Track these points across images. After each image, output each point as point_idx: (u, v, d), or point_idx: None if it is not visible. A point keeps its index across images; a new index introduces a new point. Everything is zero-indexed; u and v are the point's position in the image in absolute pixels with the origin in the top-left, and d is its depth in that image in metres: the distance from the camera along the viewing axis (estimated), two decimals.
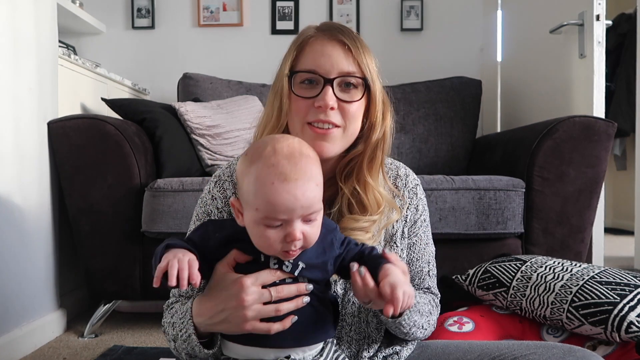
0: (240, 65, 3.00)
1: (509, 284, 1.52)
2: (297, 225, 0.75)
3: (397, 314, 0.76)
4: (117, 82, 2.60)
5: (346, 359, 0.88)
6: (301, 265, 0.79)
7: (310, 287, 0.80)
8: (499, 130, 2.89)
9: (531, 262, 1.56)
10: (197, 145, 2.21)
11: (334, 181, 0.97)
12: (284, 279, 0.80)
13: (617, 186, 4.67)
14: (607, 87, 2.26)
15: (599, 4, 2.08)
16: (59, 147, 1.87)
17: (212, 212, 0.97)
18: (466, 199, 1.85)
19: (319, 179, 0.78)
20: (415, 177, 1.06)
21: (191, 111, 2.21)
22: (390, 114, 0.97)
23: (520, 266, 1.55)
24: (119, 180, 1.85)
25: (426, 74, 2.82)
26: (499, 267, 1.58)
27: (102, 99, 2.20)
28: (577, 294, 1.36)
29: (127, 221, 1.87)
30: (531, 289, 1.46)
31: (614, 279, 1.39)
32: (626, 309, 1.28)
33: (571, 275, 1.44)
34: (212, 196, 0.98)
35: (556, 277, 1.45)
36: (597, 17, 2.08)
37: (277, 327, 0.78)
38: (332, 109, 0.90)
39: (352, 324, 0.95)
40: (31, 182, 1.78)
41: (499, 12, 2.92)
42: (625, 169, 4.34)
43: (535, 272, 1.50)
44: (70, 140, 1.86)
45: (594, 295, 1.34)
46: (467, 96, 2.64)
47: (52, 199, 1.90)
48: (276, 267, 0.80)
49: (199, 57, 3.03)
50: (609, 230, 3.36)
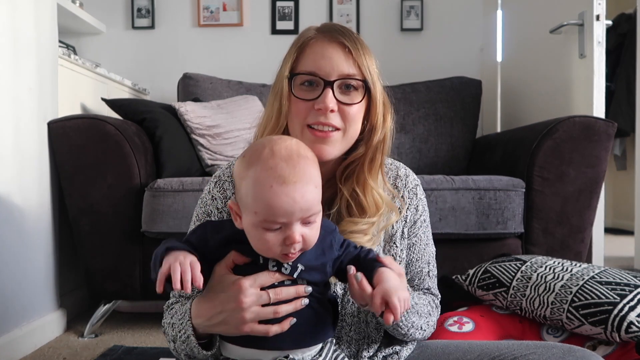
0: (240, 65, 2.99)
1: (509, 284, 1.52)
2: (296, 227, 0.74)
3: (398, 320, 0.76)
4: (117, 82, 2.60)
5: (346, 359, 0.87)
6: (300, 267, 0.79)
7: (309, 289, 0.80)
8: (499, 130, 2.89)
9: (531, 262, 1.56)
10: (197, 145, 2.22)
11: (333, 182, 0.97)
12: (283, 281, 0.79)
13: (617, 186, 4.67)
14: (607, 87, 2.26)
15: (599, 4, 2.08)
16: (59, 147, 1.87)
17: (212, 212, 0.96)
18: (466, 199, 1.85)
19: (318, 180, 0.77)
20: (415, 177, 1.05)
21: (191, 111, 2.21)
22: (390, 116, 0.97)
23: (520, 266, 1.55)
24: (119, 180, 1.85)
25: (426, 74, 2.82)
26: (499, 267, 1.58)
27: (102, 99, 2.20)
28: (577, 294, 1.36)
29: (127, 221, 1.87)
30: (531, 289, 1.46)
31: (614, 279, 1.39)
32: (626, 309, 1.28)
33: (571, 275, 1.43)
34: (212, 196, 0.97)
35: (556, 277, 1.45)
36: (597, 17, 2.08)
37: (275, 329, 0.78)
38: (332, 111, 0.90)
39: (351, 324, 0.95)
40: (31, 182, 1.79)
41: (499, 12, 2.92)
42: (625, 169, 4.34)
43: (535, 272, 1.50)
44: (70, 140, 1.86)
45: (594, 295, 1.34)
46: (467, 96, 2.64)
47: (52, 199, 1.90)
48: (275, 269, 0.79)
49: (199, 57, 3.03)
50: (609, 230, 3.36)
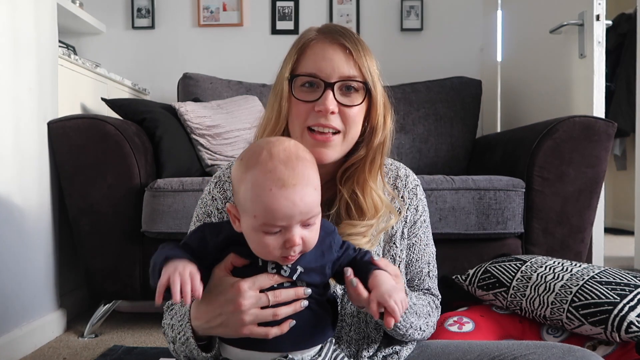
0: (240, 65, 2.99)
1: (509, 284, 1.52)
2: (296, 230, 0.73)
3: (399, 321, 0.76)
4: (117, 82, 2.60)
5: (345, 358, 0.87)
6: (299, 269, 0.79)
7: (308, 291, 0.79)
8: (499, 130, 2.89)
9: (531, 262, 1.56)
10: (197, 145, 2.21)
11: (332, 183, 0.96)
12: (282, 283, 0.79)
13: (617, 186, 4.67)
14: (607, 87, 2.26)
15: (599, 4, 2.08)
16: (59, 147, 1.87)
17: (212, 213, 0.96)
18: (466, 199, 1.85)
19: (317, 182, 0.77)
20: (415, 177, 1.05)
21: (191, 111, 2.21)
22: (390, 117, 0.97)
23: (520, 266, 1.55)
24: (119, 180, 1.85)
25: (426, 74, 2.82)
26: (499, 267, 1.58)
27: (102, 99, 2.20)
28: (577, 294, 1.36)
29: (127, 221, 1.87)
30: (531, 289, 1.46)
31: (614, 279, 1.39)
32: (626, 309, 1.28)
33: (571, 275, 1.44)
34: (213, 197, 0.97)
35: (556, 277, 1.45)
36: (597, 17, 2.08)
37: (274, 331, 0.78)
38: (332, 113, 0.90)
39: (351, 324, 0.95)
40: (31, 182, 1.79)
41: (499, 12, 2.92)
42: (625, 169, 4.34)
43: (535, 272, 1.50)
44: (70, 140, 1.86)
45: (594, 295, 1.34)
46: (467, 96, 2.64)
47: (52, 199, 1.90)
48: (274, 271, 0.78)
49: (199, 57, 3.03)
50: (609, 230, 3.36)
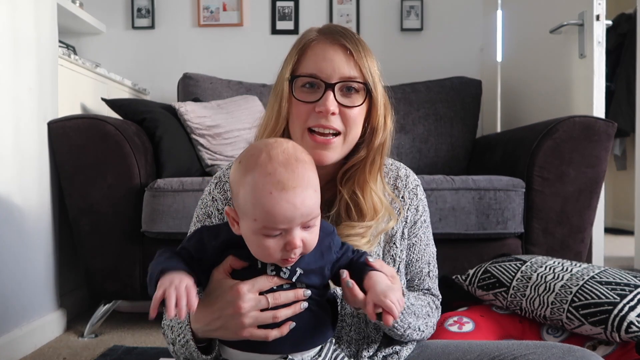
0: (240, 65, 2.99)
1: (509, 284, 1.52)
2: (296, 233, 0.73)
3: (397, 318, 0.76)
4: (117, 82, 2.60)
5: (345, 358, 0.87)
6: (299, 271, 0.78)
7: (308, 292, 0.79)
8: (499, 130, 2.89)
9: (531, 262, 1.56)
10: (197, 145, 2.21)
11: (333, 184, 0.96)
12: (281, 285, 0.78)
13: (617, 186, 4.67)
14: (607, 87, 2.26)
15: (599, 4, 2.08)
16: (59, 147, 1.87)
17: (212, 213, 0.96)
18: (466, 199, 1.85)
19: (317, 184, 0.77)
20: (415, 177, 1.05)
21: (191, 111, 2.21)
22: (391, 117, 0.97)
23: (520, 266, 1.55)
24: (119, 180, 1.85)
25: (426, 74, 2.82)
26: (499, 267, 1.58)
27: (102, 99, 2.20)
28: (577, 294, 1.36)
29: (127, 221, 1.87)
30: (531, 289, 1.46)
31: (614, 279, 1.39)
32: (626, 309, 1.28)
33: (571, 275, 1.44)
34: (213, 197, 0.97)
35: (556, 277, 1.45)
36: (597, 17, 2.08)
37: (275, 333, 0.77)
38: (333, 114, 0.89)
39: (351, 324, 0.95)
40: (31, 182, 1.78)
41: (499, 12, 2.92)
42: (625, 169, 4.34)
43: (535, 272, 1.50)
44: (70, 140, 1.86)
45: (594, 295, 1.34)
46: (467, 96, 2.64)
47: (52, 199, 1.90)
48: (273, 273, 0.78)
49: (199, 57, 3.03)
50: (609, 230, 3.36)
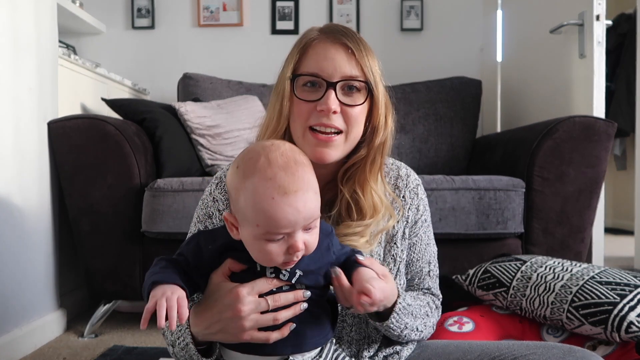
0: (240, 65, 2.99)
1: (509, 284, 1.52)
2: (299, 236, 0.73)
3: (376, 302, 0.76)
4: (117, 82, 2.60)
5: (346, 358, 0.87)
6: (299, 272, 0.78)
7: (307, 293, 0.79)
8: (499, 130, 2.89)
9: (531, 262, 1.56)
10: (197, 145, 2.21)
11: (334, 184, 0.96)
12: (281, 287, 0.78)
13: (617, 186, 4.67)
14: (607, 87, 2.26)
15: (599, 4, 2.08)
16: (59, 147, 1.87)
17: (213, 214, 0.96)
18: (466, 199, 1.85)
19: (316, 185, 0.77)
20: (416, 177, 1.05)
21: (191, 111, 2.21)
22: (392, 117, 0.97)
23: (520, 266, 1.55)
24: (119, 180, 1.85)
25: (426, 74, 2.82)
26: (499, 267, 1.58)
27: (102, 99, 2.20)
28: (577, 294, 1.36)
29: (127, 221, 1.87)
30: (531, 289, 1.46)
31: (614, 279, 1.39)
32: (626, 309, 1.28)
33: (571, 275, 1.44)
34: (214, 198, 0.97)
35: (556, 277, 1.45)
36: (597, 17, 2.08)
37: (275, 335, 0.77)
38: (334, 112, 0.89)
39: (352, 324, 0.95)
40: (31, 182, 1.78)
41: (499, 12, 2.92)
42: (625, 169, 4.34)
43: (535, 272, 1.50)
44: (70, 140, 1.86)
45: (594, 295, 1.34)
46: (467, 96, 2.64)
47: (52, 199, 1.90)
48: (273, 275, 0.78)
49: (199, 57, 3.03)
50: (609, 230, 3.36)
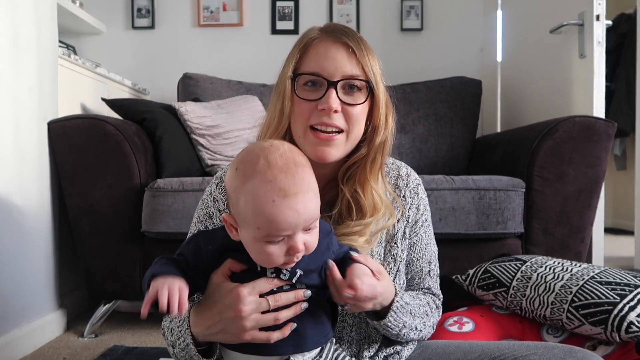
0: (240, 65, 3.00)
1: (509, 284, 1.52)
2: (299, 237, 0.74)
3: (359, 296, 0.77)
4: (117, 82, 2.60)
5: (347, 357, 0.87)
6: (299, 272, 0.78)
7: (308, 293, 0.79)
8: (499, 130, 2.89)
9: (531, 262, 1.56)
10: (197, 145, 2.21)
11: (334, 184, 0.96)
12: (281, 286, 0.79)
13: (617, 186, 4.67)
14: (607, 87, 2.26)
15: (599, 4, 2.08)
16: (59, 147, 1.87)
17: (213, 214, 0.96)
18: (466, 199, 1.85)
19: (316, 186, 0.77)
20: (416, 176, 1.05)
21: (191, 111, 2.21)
22: (392, 116, 0.97)
23: (520, 266, 1.55)
24: (119, 180, 1.85)
25: (426, 74, 2.82)
26: (499, 267, 1.58)
27: (102, 99, 2.20)
28: (577, 294, 1.36)
29: (127, 221, 1.87)
30: (531, 289, 1.46)
31: (614, 279, 1.39)
32: (626, 309, 1.28)
33: (571, 275, 1.44)
34: (214, 198, 0.97)
35: (556, 277, 1.45)
36: (597, 17, 2.08)
37: (276, 335, 0.77)
38: (335, 111, 0.89)
39: (352, 325, 0.95)
40: (31, 182, 1.78)
41: (499, 12, 2.92)
42: (625, 169, 4.34)
43: (535, 272, 1.50)
44: (70, 140, 1.86)
45: (594, 295, 1.34)
46: (467, 96, 2.64)
47: (52, 199, 1.90)
48: (273, 275, 0.78)
49: (199, 57, 3.03)
50: (609, 230, 3.36)
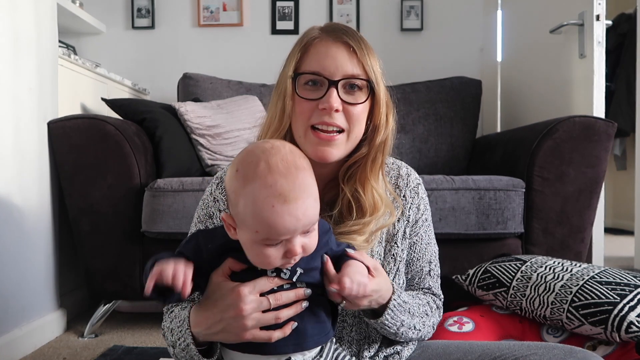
0: (240, 65, 3.00)
1: (509, 284, 1.52)
2: (297, 241, 0.74)
3: (344, 292, 0.77)
4: (117, 82, 2.60)
5: (347, 357, 0.87)
6: (299, 270, 0.79)
7: (308, 291, 0.79)
8: (499, 130, 2.89)
9: (531, 262, 1.56)
10: (197, 145, 2.21)
11: (335, 183, 0.96)
12: (282, 285, 0.79)
13: (617, 186, 4.67)
14: (607, 87, 2.26)
15: (599, 4, 2.08)
16: (59, 147, 1.87)
17: (214, 214, 0.96)
18: (466, 199, 1.85)
19: (315, 190, 0.76)
20: (417, 176, 1.06)
21: (191, 111, 2.21)
22: (393, 116, 0.97)
23: (520, 266, 1.55)
24: (119, 180, 1.85)
25: (426, 74, 2.82)
26: (499, 267, 1.58)
27: (102, 99, 2.20)
28: (577, 294, 1.36)
29: (127, 221, 1.87)
30: (531, 289, 1.46)
31: (614, 279, 1.39)
32: (626, 309, 1.28)
33: (571, 275, 1.44)
34: (215, 198, 0.97)
35: (556, 277, 1.45)
36: (597, 17, 2.08)
37: (277, 334, 0.77)
38: (336, 111, 0.89)
39: (352, 325, 0.96)
40: (31, 182, 1.78)
41: (499, 12, 2.92)
42: (625, 169, 4.34)
43: (535, 272, 1.50)
44: (70, 140, 1.86)
45: (594, 295, 1.34)
46: (467, 96, 2.64)
47: (52, 199, 1.90)
48: (274, 274, 0.78)
49: (199, 57, 3.03)
50: (609, 230, 3.36)
